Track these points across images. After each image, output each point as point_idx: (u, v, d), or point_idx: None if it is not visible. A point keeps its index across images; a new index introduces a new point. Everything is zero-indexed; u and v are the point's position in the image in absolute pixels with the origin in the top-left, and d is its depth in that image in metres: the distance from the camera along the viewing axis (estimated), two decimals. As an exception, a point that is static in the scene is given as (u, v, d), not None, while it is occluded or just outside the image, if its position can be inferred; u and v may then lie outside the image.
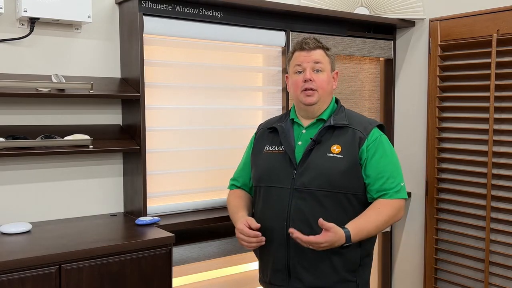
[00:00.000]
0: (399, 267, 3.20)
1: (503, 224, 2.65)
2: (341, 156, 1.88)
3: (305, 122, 2.00)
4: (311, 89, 1.93)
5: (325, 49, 2.00)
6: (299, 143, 1.97)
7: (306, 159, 1.91)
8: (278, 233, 1.91)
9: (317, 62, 1.95)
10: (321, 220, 1.75)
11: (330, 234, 1.75)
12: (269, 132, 2.07)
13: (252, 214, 2.09)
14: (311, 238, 1.75)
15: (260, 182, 2.02)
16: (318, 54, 1.97)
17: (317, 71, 1.96)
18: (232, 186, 2.21)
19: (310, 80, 1.93)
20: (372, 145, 1.91)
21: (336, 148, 1.90)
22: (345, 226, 1.81)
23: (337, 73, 2.05)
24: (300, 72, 1.97)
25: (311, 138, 1.93)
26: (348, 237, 1.78)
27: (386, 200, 1.89)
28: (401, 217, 1.94)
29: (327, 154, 1.89)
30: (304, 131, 1.99)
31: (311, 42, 1.98)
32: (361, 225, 1.83)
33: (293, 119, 2.03)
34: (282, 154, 1.96)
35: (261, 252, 2.02)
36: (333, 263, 1.88)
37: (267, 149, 2.03)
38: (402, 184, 1.93)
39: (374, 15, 2.95)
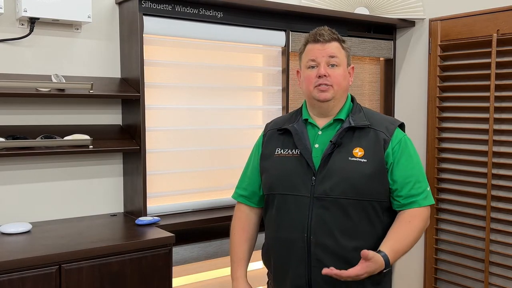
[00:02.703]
0: (399, 267, 3.20)
1: (503, 224, 2.65)
2: (365, 160, 1.71)
3: (321, 123, 1.81)
4: (326, 84, 1.75)
5: (341, 41, 1.82)
6: (316, 146, 1.77)
7: (326, 164, 1.72)
8: (297, 246, 1.73)
9: (332, 56, 1.76)
10: (365, 251, 1.57)
11: (370, 264, 1.58)
12: (279, 133, 1.86)
13: (261, 222, 1.98)
14: (351, 272, 1.57)
15: (272, 189, 1.81)
16: (334, 47, 1.78)
17: (333, 65, 1.76)
18: (239, 197, 1.97)
19: (325, 75, 1.75)
20: (397, 147, 1.75)
21: (358, 152, 1.73)
22: (381, 249, 1.64)
23: (353, 68, 1.87)
24: (313, 67, 1.77)
25: (330, 141, 1.74)
26: (387, 262, 1.62)
27: (415, 211, 1.74)
28: (428, 224, 1.80)
29: (350, 158, 1.72)
30: (320, 132, 1.80)
31: (326, 34, 1.78)
32: (396, 246, 1.67)
33: (306, 119, 1.83)
34: (297, 158, 1.77)
35: (276, 267, 1.83)
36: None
37: (279, 153, 1.82)
38: (428, 189, 1.78)
39: (374, 15, 2.95)
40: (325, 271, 1.59)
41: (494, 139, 2.65)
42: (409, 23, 3.02)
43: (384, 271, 1.65)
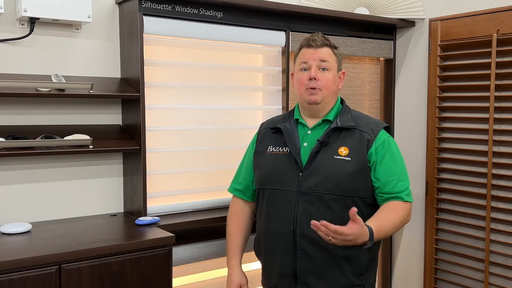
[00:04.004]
0: (399, 267, 3.20)
1: (503, 224, 2.65)
2: (349, 159, 1.83)
3: (310, 123, 1.95)
4: (315, 87, 1.88)
5: (333, 47, 1.94)
6: (305, 144, 1.91)
7: (313, 162, 1.85)
8: (284, 238, 1.86)
9: (323, 61, 1.89)
10: (354, 209, 1.63)
11: (357, 226, 1.64)
12: (272, 132, 2.00)
13: (254, 219, 2.08)
14: (339, 227, 1.61)
15: (263, 184, 1.96)
16: (325, 52, 1.91)
17: (323, 69, 1.89)
18: (235, 191, 2.12)
19: (315, 78, 1.87)
20: (381, 147, 1.87)
21: (343, 150, 1.85)
22: (368, 224, 1.72)
23: (343, 73, 1.99)
24: (305, 70, 1.91)
25: (318, 140, 1.87)
26: (371, 234, 1.69)
27: (399, 202, 1.85)
28: (409, 221, 1.91)
29: (335, 156, 1.84)
30: (309, 132, 1.93)
31: (319, 40, 1.92)
32: (380, 224, 1.76)
33: (297, 120, 1.97)
34: (287, 156, 1.90)
35: (265, 257, 1.97)
36: (342, 268, 1.83)
37: (271, 150, 1.96)
38: (409, 188, 1.90)
39: (374, 15, 2.95)
40: (313, 222, 1.63)
41: (494, 139, 2.65)
42: (409, 23, 3.02)
43: (368, 243, 1.69)
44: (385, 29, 3.09)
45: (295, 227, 1.83)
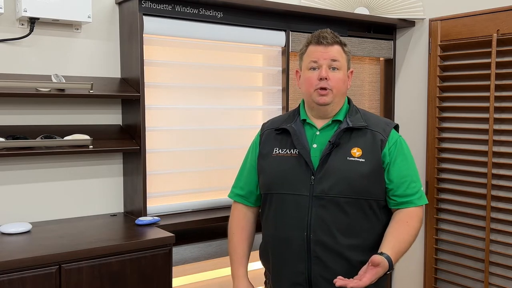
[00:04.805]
0: (399, 267, 3.20)
1: (503, 224, 2.65)
2: (363, 160, 1.75)
3: (319, 123, 1.84)
4: (326, 88, 1.78)
5: (343, 45, 1.84)
6: (314, 146, 1.80)
7: (325, 164, 1.76)
8: (297, 244, 1.76)
9: (334, 60, 1.79)
10: (376, 257, 1.59)
11: (379, 270, 1.60)
12: (277, 133, 1.89)
13: (258, 221, 2.01)
14: (365, 282, 1.57)
15: (271, 189, 1.84)
16: (336, 50, 1.81)
17: (334, 69, 1.79)
18: (236, 197, 2.00)
19: (326, 78, 1.77)
20: (393, 148, 1.80)
21: (356, 152, 1.76)
22: (384, 251, 1.66)
23: (352, 72, 1.89)
24: (314, 69, 1.80)
25: (329, 141, 1.78)
26: (390, 264, 1.63)
27: (411, 211, 1.79)
28: (422, 224, 1.85)
29: (348, 158, 1.75)
30: (318, 132, 1.83)
31: (329, 37, 1.81)
32: (397, 247, 1.70)
33: (304, 120, 1.86)
34: (296, 158, 1.80)
35: (274, 264, 1.86)
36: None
37: (277, 152, 1.85)
38: (422, 189, 1.83)
39: (374, 15, 2.95)
40: (338, 283, 1.57)
41: (494, 139, 2.65)
42: (409, 23, 3.02)
43: (388, 272, 1.66)
44: (385, 29, 3.09)
45: (309, 233, 1.74)
